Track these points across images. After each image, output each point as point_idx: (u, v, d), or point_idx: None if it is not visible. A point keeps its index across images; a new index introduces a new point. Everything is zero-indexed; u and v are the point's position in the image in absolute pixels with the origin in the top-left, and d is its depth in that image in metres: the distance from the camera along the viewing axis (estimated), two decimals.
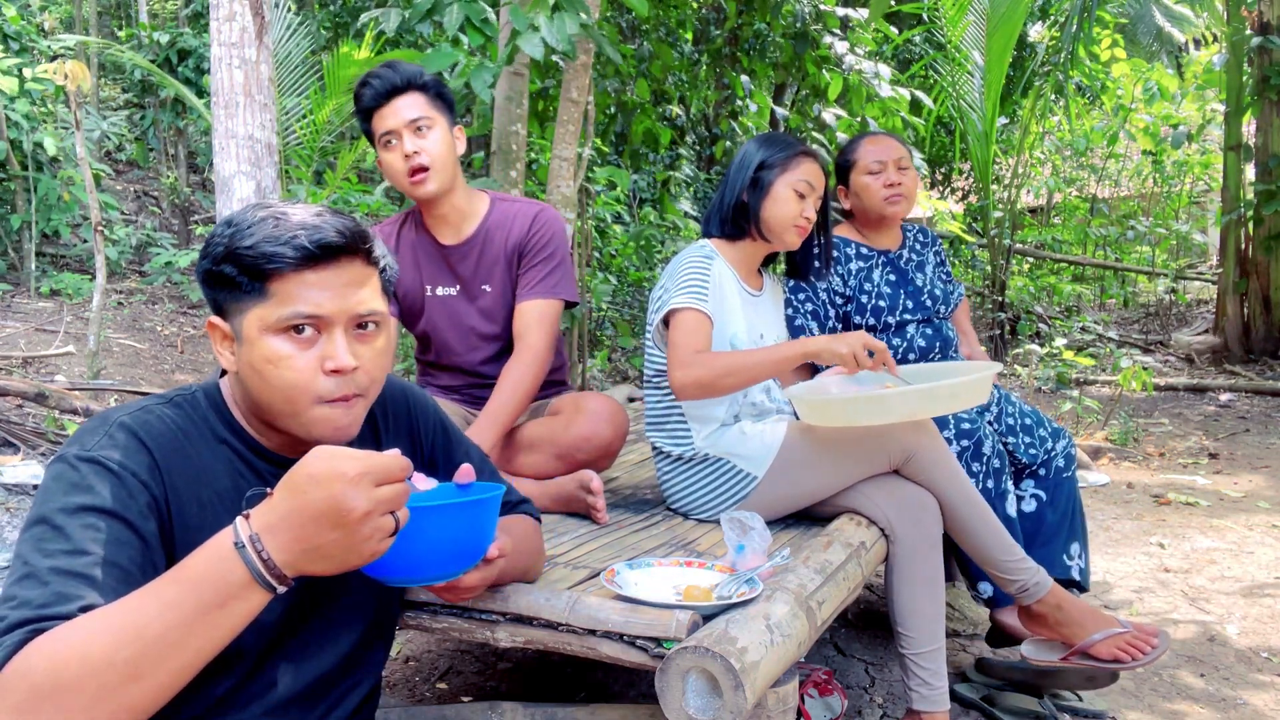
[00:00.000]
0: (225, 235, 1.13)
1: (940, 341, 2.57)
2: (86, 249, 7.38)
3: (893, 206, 2.54)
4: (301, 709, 1.23)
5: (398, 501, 0.95)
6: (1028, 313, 9.15)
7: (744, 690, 1.24)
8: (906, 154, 2.57)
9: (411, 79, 2.17)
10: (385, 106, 2.17)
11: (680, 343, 2.00)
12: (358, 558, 0.94)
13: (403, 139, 2.16)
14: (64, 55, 7.04)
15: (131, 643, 0.90)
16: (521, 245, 2.28)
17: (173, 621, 0.91)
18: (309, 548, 0.93)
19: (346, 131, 8.47)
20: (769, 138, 2.20)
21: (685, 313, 2.03)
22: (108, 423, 1.12)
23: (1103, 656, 1.97)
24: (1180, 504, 4.24)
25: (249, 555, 0.92)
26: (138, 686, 0.90)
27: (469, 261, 2.31)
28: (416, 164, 2.15)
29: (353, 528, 0.92)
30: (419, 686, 2.38)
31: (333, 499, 0.91)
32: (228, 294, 1.13)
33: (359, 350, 1.15)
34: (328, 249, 1.11)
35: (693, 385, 1.97)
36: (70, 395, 4.27)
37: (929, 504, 1.97)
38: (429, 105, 2.19)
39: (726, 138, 7.19)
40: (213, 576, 0.92)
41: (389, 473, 0.94)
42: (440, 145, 2.18)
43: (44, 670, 0.89)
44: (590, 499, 2.09)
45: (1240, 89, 7.81)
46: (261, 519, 0.94)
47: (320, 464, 0.93)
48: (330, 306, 1.12)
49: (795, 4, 6.63)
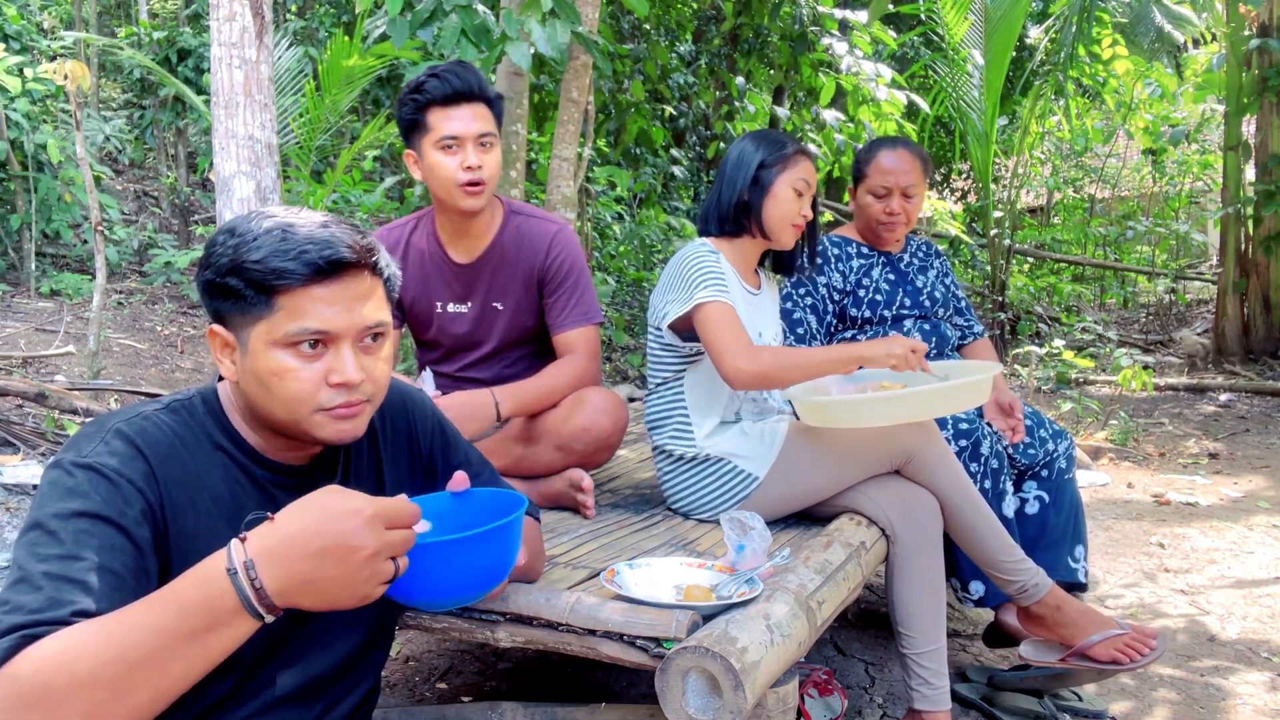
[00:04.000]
0: (229, 246, 1.11)
1: (937, 338, 2.58)
2: (87, 249, 7.38)
3: (887, 233, 2.55)
4: (299, 709, 1.23)
5: (402, 547, 0.96)
6: (1028, 313, 9.16)
7: (744, 690, 1.24)
8: (918, 177, 2.52)
9: (484, 90, 2.18)
10: (453, 108, 2.14)
11: (725, 335, 1.98)
12: (350, 599, 0.95)
13: (467, 150, 2.14)
14: (64, 55, 7.04)
15: (116, 661, 0.90)
16: (543, 272, 2.29)
17: (158, 644, 0.91)
18: (306, 580, 0.93)
19: (345, 130, 8.48)
20: (764, 136, 2.19)
21: (714, 305, 2.01)
22: (104, 429, 1.12)
23: (1101, 658, 1.97)
24: (1180, 504, 4.24)
25: (240, 582, 0.92)
26: (124, 703, 0.91)
27: (481, 280, 2.31)
28: (477, 179, 2.15)
29: (355, 567, 0.92)
30: (419, 686, 2.38)
31: (343, 535, 0.91)
32: (232, 305, 1.12)
33: (365, 362, 1.15)
34: (336, 265, 1.10)
35: (754, 376, 1.95)
36: (70, 395, 4.27)
37: (929, 504, 1.97)
38: (493, 121, 2.20)
39: (722, 138, 7.18)
40: (201, 601, 0.92)
41: (399, 517, 0.95)
42: (496, 165, 2.20)
43: (32, 681, 0.89)
44: (580, 496, 2.12)
45: (1240, 89, 7.81)
46: (259, 544, 0.93)
47: (335, 499, 0.93)
48: (339, 322, 1.11)
49: (793, 6, 6.63)
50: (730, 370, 1.96)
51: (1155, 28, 9.03)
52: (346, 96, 5.92)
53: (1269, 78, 7.51)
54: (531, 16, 3.12)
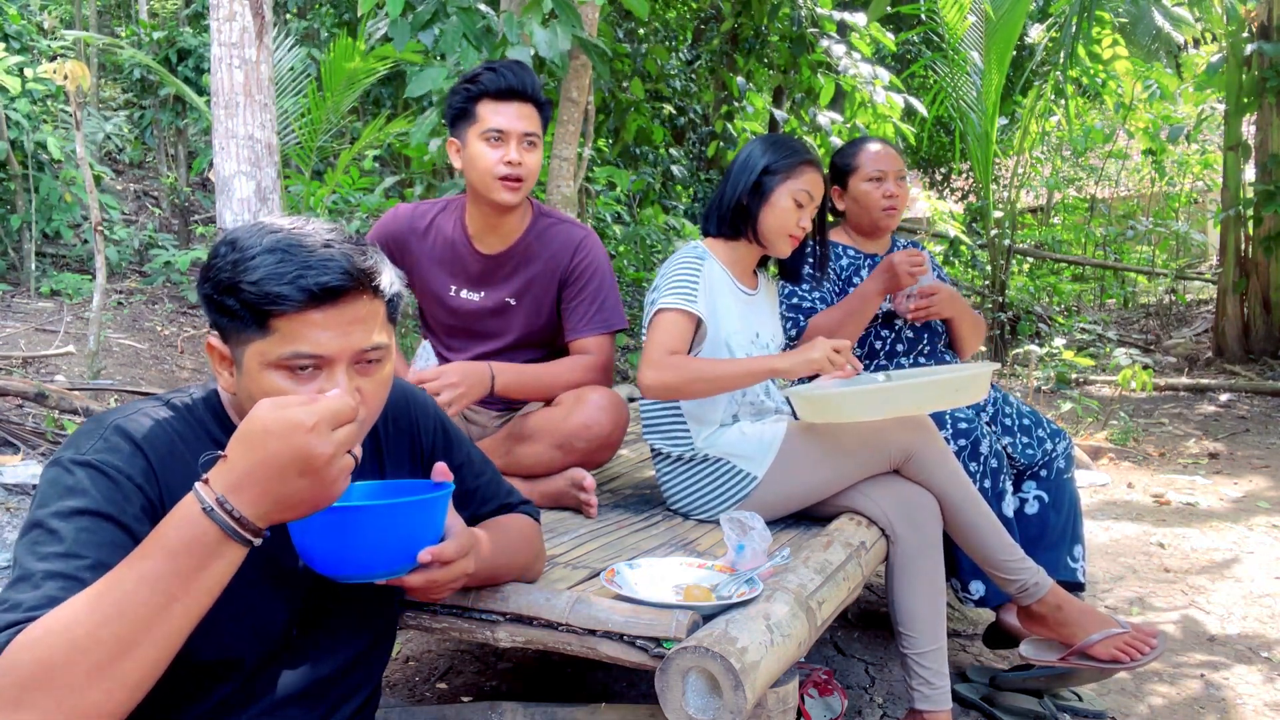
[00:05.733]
0: (228, 262, 1.09)
1: (928, 333, 2.61)
2: (87, 249, 7.38)
3: (889, 217, 2.59)
4: (302, 710, 1.23)
5: (354, 439, 0.99)
6: (1027, 313, 9.16)
7: (744, 690, 1.25)
8: (904, 166, 2.62)
9: (536, 92, 2.23)
10: (503, 104, 2.19)
11: (655, 342, 2.01)
12: (325, 499, 0.98)
13: (511, 145, 2.19)
14: (64, 55, 7.04)
15: (116, 619, 0.91)
16: (566, 274, 2.31)
17: (154, 591, 0.92)
18: (278, 498, 0.95)
19: (346, 130, 8.48)
20: (775, 141, 2.18)
21: (667, 313, 2.03)
22: (103, 426, 1.12)
23: (1101, 657, 1.98)
24: (1180, 504, 4.24)
25: (220, 517, 0.94)
26: (129, 660, 0.91)
27: (500, 274, 2.33)
28: (516, 174, 2.19)
29: (319, 472, 0.95)
30: (419, 686, 2.38)
31: (296, 449, 0.93)
32: (228, 322, 1.11)
33: (360, 384, 1.13)
34: (333, 291, 1.08)
35: (659, 386, 1.98)
36: (70, 395, 4.27)
37: (929, 504, 1.97)
38: (539, 124, 2.24)
39: (722, 138, 7.18)
40: (187, 542, 0.94)
41: (341, 415, 0.97)
42: (536, 166, 2.25)
43: (30, 659, 0.90)
44: (583, 496, 2.12)
45: (1240, 89, 7.81)
46: (223, 480, 0.95)
47: (273, 417, 0.95)
48: (333, 346, 1.10)
49: (792, 7, 6.63)
50: (640, 378, 1.99)
51: (1154, 28, 9.03)
52: (348, 97, 5.92)
53: (1269, 78, 7.51)
54: (533, 19, 3.12)
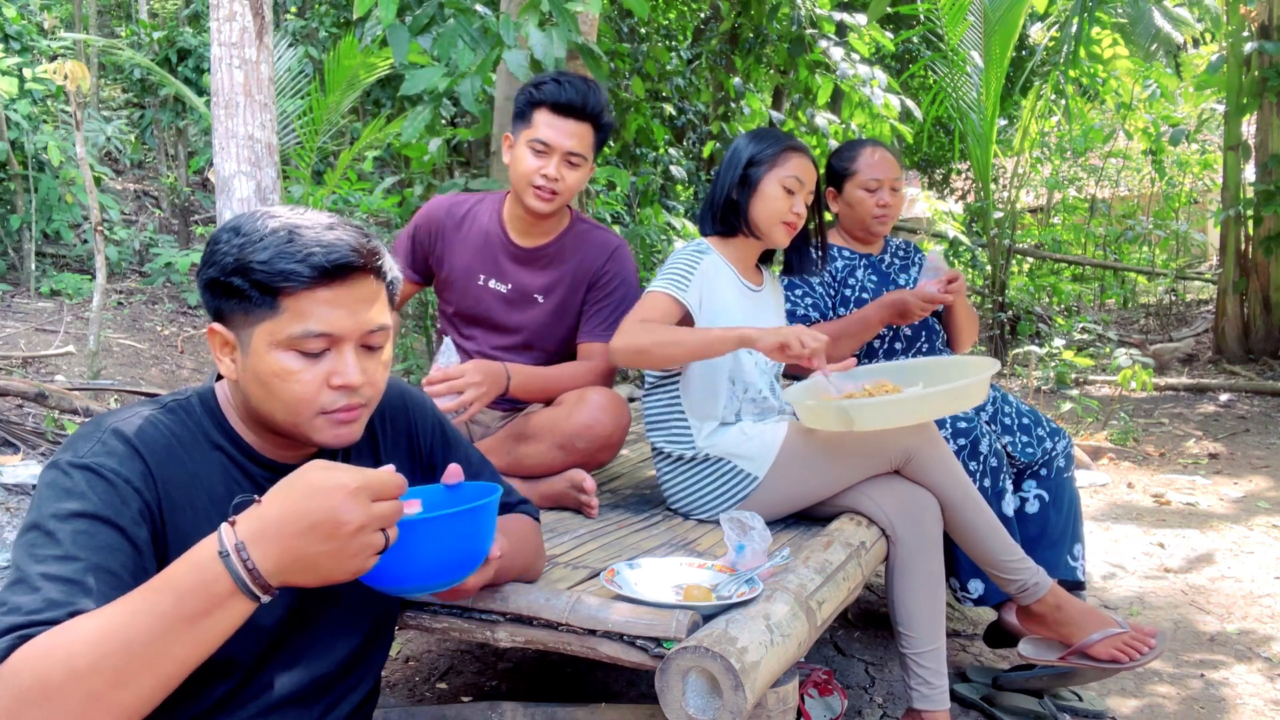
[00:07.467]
0: (234, 245, 1.11)
1: (925, 329, 2.63)
2: (87, 249, 7.38)
3: (880, 226, 2.61)
4: (299, 710, 1.22)
5: (390, 518, 0.96)
6: (1027, 313, 9.16)
7: (744, 690, 1.24)
8: (900, 173, 2.63)
9: (596, 113, 2.23)
10: (558, 118, 2.21)
11: (632, 314, 2.04)
12: (343, 572, 0.95)
13: (553, 159, 2.21)
14: (64, 55, 7.04)
15: (117, 651, 0.90)
16: (594, 277, 2.34)
17: (157, 630, 0.91)
18: (297, 558, 0.93)
19: (346, 130, 8.48)
20: (758, 133, 2.18)
21: (653, 294, 2.05)
22: (101, 429, 1.11)
23: (1101, 656, 1.98)
24: (1180, 504, 4.24)
25: (233, 564, 0.92)
26: (124, 693, 0.91)
27: (532, 269, 2.35)
28: (550, 188, 2.22)
29: (344, 541, 0.92)
30: (419, 686, 2.38)
31: (330, 510, 0.91)
32: (235, 304, 1.12)
33: (366, 365, 1.15)
34: (342, 268, 1.11)
35: (626, 349, 1.98)
36: (70, 395, 4.27)
37: (929, 504, 1.97)
38: (591, 145, 2.26)
39: (719, 139, 7.19)
40: (196, 586, 0.92)
41: (385, 489, 0.95)
42: (577, 183, 2.27)
43: (30, 677, 0.89)
44: (584, 497, 2.13)
45: (1240, 89, 7.81)
46: (248, 526, 0.93)
47: (319, 475, 0.93)
48: (343, 325, 1.12)
49: (791, 8, 6.62)
50: (612, 344, 2.01)
51: (1154, 28, 9.03)
52: (349, 97, 5.92)
53: (1269, 78, 7.51)
54: (530, 21, 3.11)
